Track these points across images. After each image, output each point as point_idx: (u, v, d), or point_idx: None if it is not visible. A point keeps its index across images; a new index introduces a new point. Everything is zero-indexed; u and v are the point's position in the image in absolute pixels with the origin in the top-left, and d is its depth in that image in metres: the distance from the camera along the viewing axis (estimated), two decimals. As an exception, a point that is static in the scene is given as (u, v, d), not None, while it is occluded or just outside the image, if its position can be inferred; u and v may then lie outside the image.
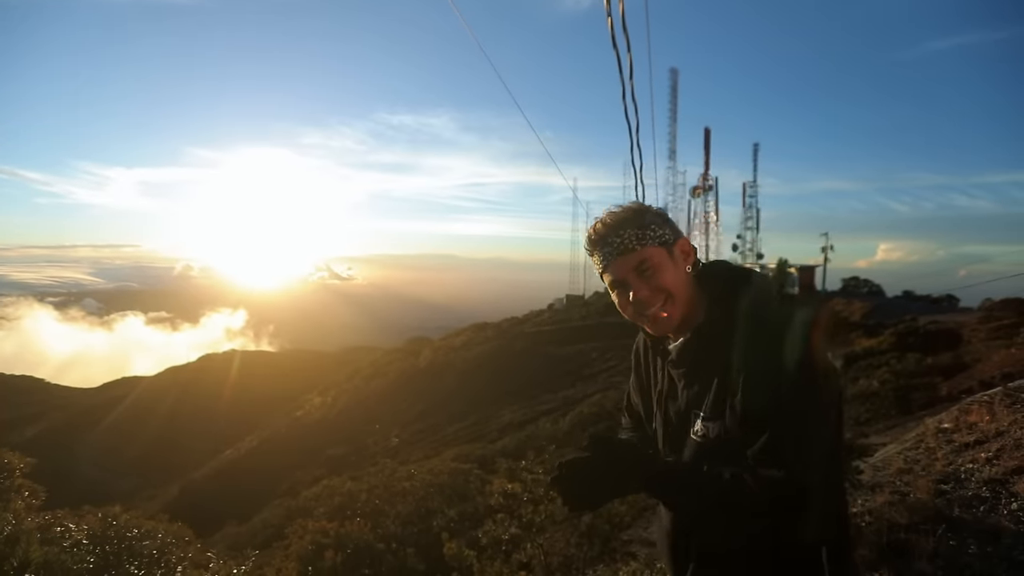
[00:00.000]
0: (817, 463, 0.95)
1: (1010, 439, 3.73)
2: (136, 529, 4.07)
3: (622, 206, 1.13)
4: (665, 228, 1.11)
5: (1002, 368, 9.97)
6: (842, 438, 1.09)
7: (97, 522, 3.98)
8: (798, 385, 0.95)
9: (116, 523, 4.01)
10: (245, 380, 44.17)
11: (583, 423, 16.33)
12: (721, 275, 1.13)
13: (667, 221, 1.13)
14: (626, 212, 1.11)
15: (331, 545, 4.98)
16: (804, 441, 0.94)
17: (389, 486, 7.55)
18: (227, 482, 24.78)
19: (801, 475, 0.93)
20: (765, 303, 1.07)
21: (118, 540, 3.87)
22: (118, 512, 4.23)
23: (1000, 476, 3.19)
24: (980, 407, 4.58)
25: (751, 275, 1.13)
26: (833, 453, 1.03)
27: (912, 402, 9.17)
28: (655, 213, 1.13)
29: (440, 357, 34.20)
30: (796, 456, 0.94)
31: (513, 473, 5.07)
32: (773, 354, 0.97)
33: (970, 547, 2.56)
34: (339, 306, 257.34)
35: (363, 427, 26.22)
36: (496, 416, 22.84)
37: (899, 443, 4.87)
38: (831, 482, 1.03)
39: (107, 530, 3.93)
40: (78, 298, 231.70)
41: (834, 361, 1.07)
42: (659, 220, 1.11)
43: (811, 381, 0.97)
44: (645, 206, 1.14)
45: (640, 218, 1.10)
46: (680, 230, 1.15)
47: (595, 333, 32.32)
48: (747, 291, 1.08)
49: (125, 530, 3.98)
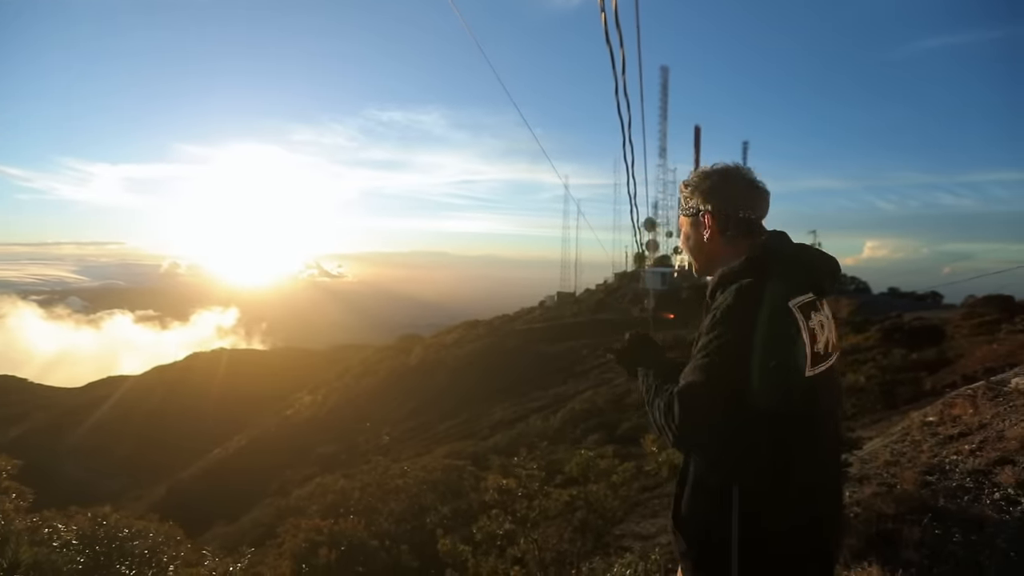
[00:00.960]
0: (701, 393, 1.12)
1: (992, 431, 3.82)
2: (127, 529, 4.03)
3: (697, 171, 1.36)
4: (695, 200, 1.33)
5: (984, 363, 10.17)
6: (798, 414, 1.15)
7: (87, 522, 3.94)
8: (719, 330, 1.15)
9: (106, 523, 3.98)
10: (233, 379, 43.72)
11: (574, 420, 16.40)
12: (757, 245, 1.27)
13: (702, 193, 1.32)
14: (687, 180, 1.37)
15: (325, 543, 4.96)
16: (699, 371, 1.14)
17: (382, 484, 7.53)
18: (215, 482, 24.53)
19: (682, 392, 1.14)
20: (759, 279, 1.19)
21: (108, 540, 3.84)
22: (108, 512, 4.18)
23: (983, 467, 3.27)
24: (964, 401, 4.69)
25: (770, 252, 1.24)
26: (736, 398, 1.11)
27: (898, 396, 9.34)
28: (694, 186, 1.33)
29: (431, 355, 34.12)
30: (688, 378, 1.15)
31: (507, 469, 5.10)
32: (724, 308, 1.16)
33: (955, 536, 2.63)
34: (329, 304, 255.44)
35: (354, 425, 26.08)
36: (487, 413, 22.85)
37: (885, 436, 4.97)
38: (729, 422, 1.12)
39: (97, 530, 3.89)
40: (62, 296, 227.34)
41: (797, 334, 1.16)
42: (691, 192, 1.34)
43: (733, 330, 1.13)
44: (693, 178, 1.35)
45: (684, 189, 1.37)
46: (721, 200, 1.30)
47: (586, 330, 32.46)
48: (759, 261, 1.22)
49: (115, 530, 3.94)
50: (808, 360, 1.16)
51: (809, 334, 1.17)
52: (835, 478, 1.33)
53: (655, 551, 3.29)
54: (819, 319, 1.21)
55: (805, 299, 1.19)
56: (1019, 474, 3.04)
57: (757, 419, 1.12)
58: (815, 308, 1.21)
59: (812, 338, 1.18)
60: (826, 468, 1.25)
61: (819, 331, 1.20)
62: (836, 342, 1.28)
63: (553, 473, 5.55)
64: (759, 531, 1.13)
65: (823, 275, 1.26)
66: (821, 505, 1.21)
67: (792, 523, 1.15)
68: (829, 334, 1.24)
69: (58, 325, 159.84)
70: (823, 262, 1.29)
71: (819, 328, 1.20)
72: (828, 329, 1.24)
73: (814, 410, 1.19)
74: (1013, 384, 4.87)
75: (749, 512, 1.13)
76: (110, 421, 40.32)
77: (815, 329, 1.19)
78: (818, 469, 1.21)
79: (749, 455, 1.14)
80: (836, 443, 1.33)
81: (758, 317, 1.13)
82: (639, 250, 39.47)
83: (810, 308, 1.19)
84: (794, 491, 1.15)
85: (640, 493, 6.07)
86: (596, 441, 12.81)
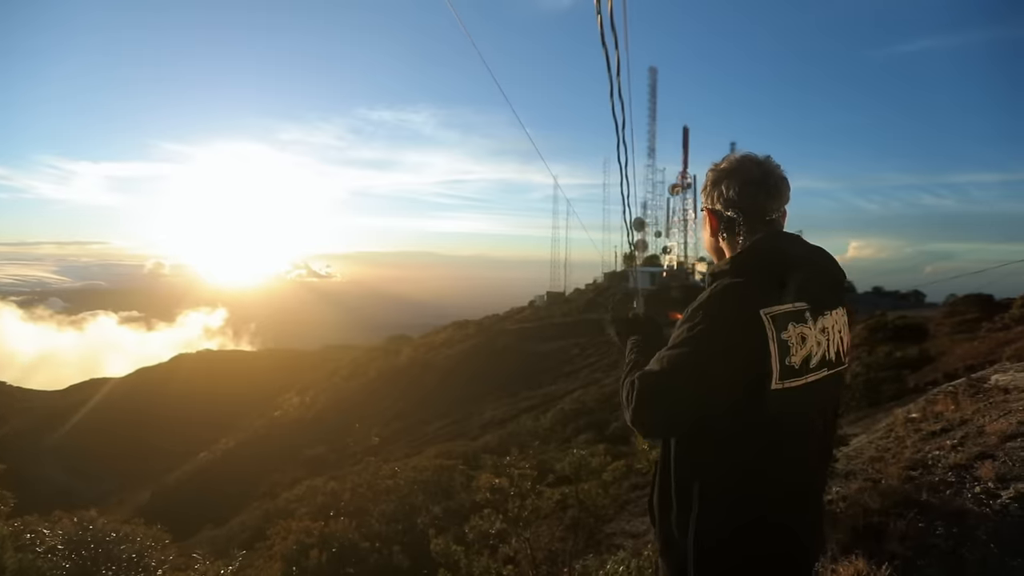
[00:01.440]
0: (656, 384, 1.13)
1: (973, 427, 3.92)
2: (113, 533, 3.97)
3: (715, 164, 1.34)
4: (704, 197, 1.33)
5: (965, 360, 10.41)
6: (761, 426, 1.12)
7: (72, 527, 3.87)
8: (685, 326, 1.15)
9: (92, 528, 3.91)
10: (220, 380, 43.14)
11: (564, 419, 16.47)
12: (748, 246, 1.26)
13: (705, 190, 1.32)
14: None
15: (315, 544, 4.93)
16: (659, 361, 1.15)
17: (372, 485, 7.49)
18: (202, 485, 24.20)
19: (641, 378, 1.14)
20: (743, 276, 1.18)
21: (94, 545, 3.78)
22: (93, 516, 4.12)
23: (964, 462, 3.35)
24: (946, 397, 4.80)
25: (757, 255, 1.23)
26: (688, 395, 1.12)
27: (882, 394, 9.52)
28: (709, 181, 1.31)
29: (421, 355, 34.00)
30: (651, 365, 1.16)
31: (499, 468, 5.10)
32: (695, 305, 1.17)
33: (938, 529, 2.69)
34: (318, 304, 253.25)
35: (342, 427, 25.87)
36: (478, 413, 22.83)
37: (870, 433, 5.07)
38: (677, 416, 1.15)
39: (83, 535, 3.83)
40: (43, 297, 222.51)
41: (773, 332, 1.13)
42: (703, 189, 1.33)
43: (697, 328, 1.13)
44: (712, 173, 1.31)
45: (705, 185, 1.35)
46: (717, 198, 1.29)
47: (576, 330, 32.56)
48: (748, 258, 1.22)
49: (102, 534, 3.88)
50: (776, 373, 1.09)
51: (778, 345, 1.09)
52: (807, 487, 1.22)
53: (647, 548, 3.32)
54: (800, 331, 1.12)
55: (785, 309, 1.11)
56: (998, 468, 3.12)
57: (711, 419, 1.12)
58: (799, 319, 1.13)
59: (783, 350, 1.10)
60: (795, 476, 1.18)
61: (797, 344, 1.12)
62: (836, 356, 1.20)
63: (545, 472, 5.58)
64: (715, 528, 1.14)
65: (821, 286, 1.17)
66: (783, 514, 1.16)
67: (746, 524, 1.13)
68: (821, 348, 1.16)
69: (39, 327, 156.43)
70: (825, 272, 1.20)
71: (798, 341, 1.12)
72: (822, 343, 1.16)
73: (782, 419, 1.11)
74: (993, 381, 5.00)
75: (707, 509, 1.15)
76: (93, 424, 39.55)
77: (790, 341, 1.11)
78: (783, 477, 1.15)
79: (696, 450, 1.17)
80: (815, 454, 1.23)
81: (724, 320, 1.11)
82: (630, 250, 39.70)
83: (789, 319, 1.12)
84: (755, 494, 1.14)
85: (631, 491, 6.12)
86: (587, 440, 12.87)
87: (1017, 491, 2.87)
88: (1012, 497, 2.84)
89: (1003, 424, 3.66)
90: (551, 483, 5.78)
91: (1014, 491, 2.88)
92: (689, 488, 1.16)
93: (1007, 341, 10.67)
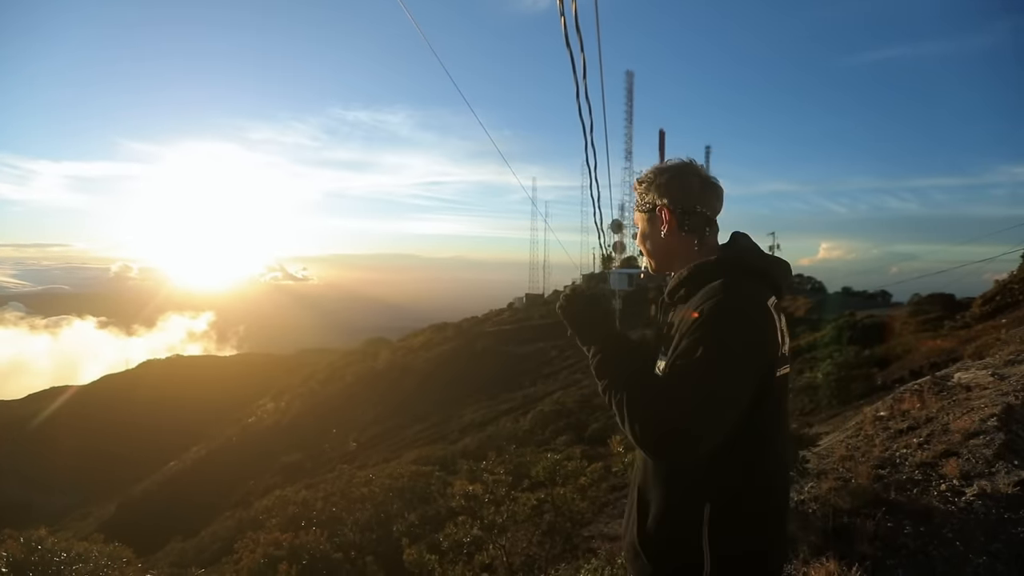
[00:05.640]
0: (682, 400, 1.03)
1: (938, 424, 4.01)
2: (64, 553, 3.75)
3: (652, 167, 1.31)
4: (650, 195, 1.28)
5: (930, 358, 10.76)
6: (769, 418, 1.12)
7: (18, 548, 3.64)
8: (702, 337, 1.06)
9: (40, 547, 3.69)
10: (191, 387, 41.91)
11: (544, 421, 16.45)
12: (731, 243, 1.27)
13: (658, 188, 1.27)
14: (641, 177, 1.31)
15: (285, 557, 4.77)
16: (683, 378, 1.05)
17: (346, 493, 7.33)
18: (172, 496, 23.43)
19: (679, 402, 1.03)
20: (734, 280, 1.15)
21: (43, 566, 3.56)
22: (43, 535, 3.89)
23: (930, 459, 3.41)
24: (912, 396, 4.91)
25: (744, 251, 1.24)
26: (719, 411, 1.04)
27: (851, 392, 9.77)
28: (649, 182, 1.28)
29: (399, 358, 33.63)
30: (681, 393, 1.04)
31: (474, 474, 5.02)
32: (705, 315, 1.09)
33: (906, 528, 2.72)
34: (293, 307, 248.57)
35: (319, 432, 25.40)
36: (457, 416, 22.67)
37: (841, 431, 5.16)
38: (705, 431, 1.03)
39: (30, 555, 3.60)
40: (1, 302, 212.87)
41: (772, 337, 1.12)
42: (647, 188, 1.29)
43: (715, 338, 1.06)
44: (648, 174, 1.29)
45: (639, 185, 1.31)
46: (679, 194, 1.25)
47: (555, 332, 32.63)
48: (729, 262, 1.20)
49: (51, 554, 3.66)
50: (779, 361, 1.14)
51: (781, 335, 1.15)
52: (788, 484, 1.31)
53: (621, 553, 3.29)
54: (783, 322, 1.19)
55: (774, 300, 1.17)
56: (962, 466, 3.19)
57: (738, 426, 1.06)
58: (778, 311, 1.19)
59: (782, 339, 1.16)
60: (785, 474, 1.24)
61: (786, 333, 1.19)
62: None
63: (521, 477, 5.52)
64: (733, 548, 1.10)
65: (780, 277, 1.24)
66: (785, 523, 1.19)
67: (767, 539, 1.13)
68: (786, 341, 1.21)
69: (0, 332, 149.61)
70: (779, 264, 1.27)
71: (785, 330, 1.19)
72: (785, 335, 1.21)
73: (778, 411, 1.16)
74: (956, 379, 5.14)
75: (721, 531, 1.10)
76: (54, 434, 37.93)
77: (784, 330, 1.17)
78: (781, 476, 1.20)
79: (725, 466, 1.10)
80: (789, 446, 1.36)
81: (747, 317, 1.09)
82: (605, 252, 40.03)
83: (779, 309, 1.18)
84: (769, 502, 1.13)
85: (608, 493, 6.11)
86: (565, 442, 12.87)
87: (980, 488, 2.93)
88: (976, 494, 2.89)
89: (966, 422, 3.74)
90: (527, 488, 5.72)
91: (977, 488, 2.94)
92: (694, 493, 1.12)
93: (968, 339, 11.07)
